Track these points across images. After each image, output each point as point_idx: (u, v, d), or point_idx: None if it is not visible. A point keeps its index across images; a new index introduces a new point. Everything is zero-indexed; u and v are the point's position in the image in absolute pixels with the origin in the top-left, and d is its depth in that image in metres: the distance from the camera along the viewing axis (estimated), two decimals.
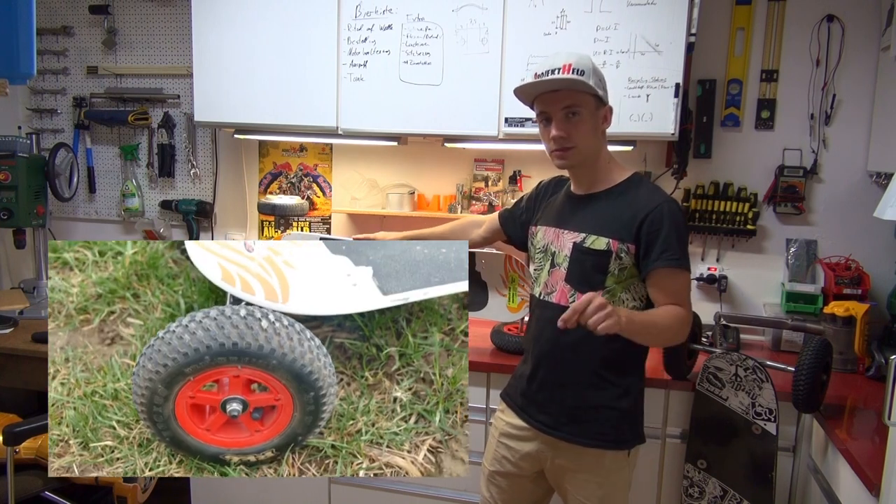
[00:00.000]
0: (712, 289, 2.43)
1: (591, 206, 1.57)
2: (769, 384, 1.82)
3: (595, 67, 1.50)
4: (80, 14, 2.86)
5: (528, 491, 1.72)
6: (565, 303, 1.55)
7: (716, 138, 2.38)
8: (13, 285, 2.94)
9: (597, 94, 1.49)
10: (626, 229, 1.50)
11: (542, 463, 1.64)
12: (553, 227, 1.62)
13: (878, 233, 2.26)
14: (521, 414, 1.66)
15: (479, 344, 2.21)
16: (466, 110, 2.21)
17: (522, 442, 1.66)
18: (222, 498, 2.36)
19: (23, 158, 2.55)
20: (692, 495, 1.93)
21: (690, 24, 2.03)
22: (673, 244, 1.47)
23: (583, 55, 1.50)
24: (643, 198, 1.52)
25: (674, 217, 1.48)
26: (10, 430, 1.78)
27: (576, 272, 1.55)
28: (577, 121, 1.50)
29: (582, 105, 1.49)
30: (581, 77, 1.46)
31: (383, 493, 2.22)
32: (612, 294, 1.53)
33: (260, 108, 2.38)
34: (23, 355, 2.22)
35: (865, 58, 2.24)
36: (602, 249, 1.51)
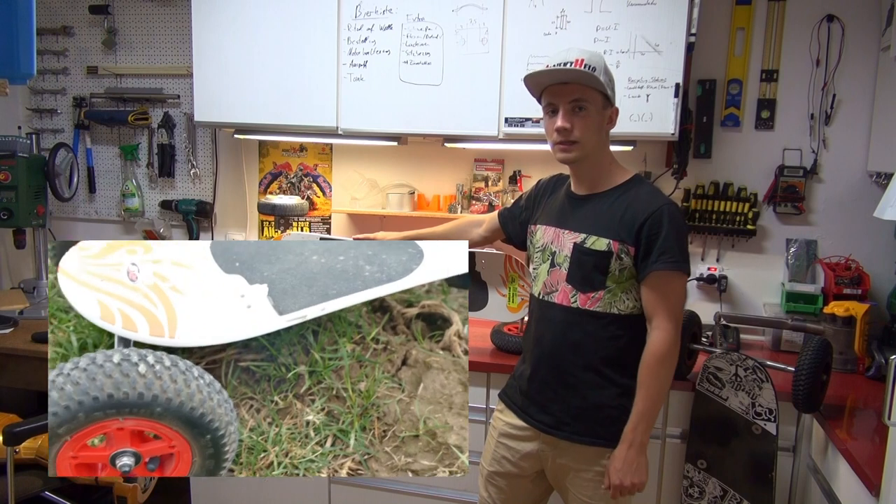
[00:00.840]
0: (712, 289, 2.43)
1: (592, 207, 1.57)
2: (769, 384, 1.81)
3: (606, 67, 1.51)
4: (80, 14, 2.86)
5: (527, 491, 1.71)
6: (567, 303, 1.56)
7: (716, 138, 2.38)
8: (13, 285, 2.94)
9: (605, 92, 1.50)
10: (626, 230, 1.50)
11: (543, 463, 1.64)
12: (553, 226, 1.62)
13: (878, 233, 2.26)
14: (521, 414, 1.66)
15: (479, 344, 2.21)
16: (466, 110, 2.21)
17: (523, 442, 1.65)
18: (222, 498, 2.36)
19: (23, 158, 2.55)
20: (692, 495, 1.93)
21: (690, 24, 2.03)
22: (672, 247, 1.47)
23: (596, 53, 1.51)
24: (644, 200, 1.52)
25: (674, 220, 1.49)
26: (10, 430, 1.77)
27: (576, 272, 1.55)
28: (583, 115, 1.50)
29: (590, 101, 1.50)
30: (592, 73, 1.47)
31: (383, 493, 2.22)
32: (612, 294, 1.53)
33: (260, 108, 2.38)
34: (23, 355, 2.22)
35: (865, 58, 2.24)
36: (603, 250, 1.51)
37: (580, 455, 1.57)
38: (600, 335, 1.54)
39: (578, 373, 1.56)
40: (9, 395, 2.59)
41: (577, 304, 1.55)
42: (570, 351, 1.56)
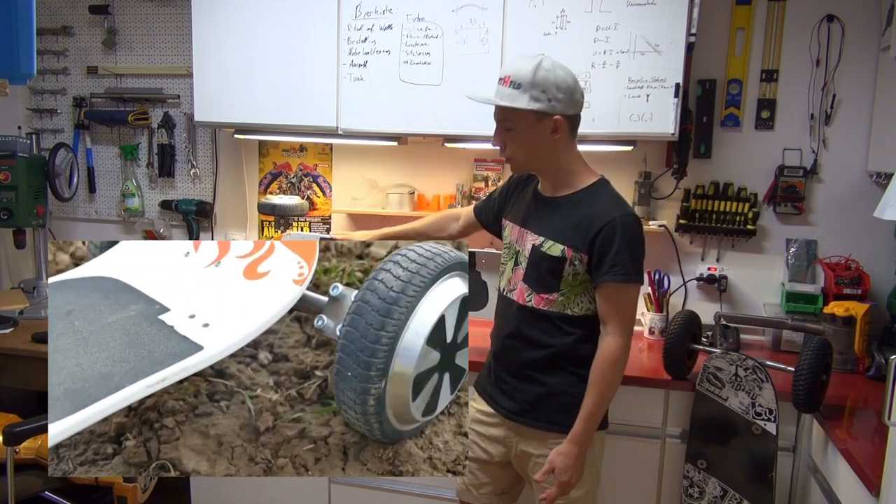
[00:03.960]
0: (712, 289, 2.43)
1: (552, 211, 1.60)
2: (769, 384, 1.81)
3: (539, 78, 1.46)
4: (80, 14, 2.86)
5: (497, 477, 1.75)
6: (523, 301, 1.61)
7: (716, 138, 2.38)
8: (13, 285, 2.94)
9: (532, 109, 1.48)
10: (580, 238, 1.52)
11: (509, 450, 1.68)
12: (519, 225, 1.66)
13: (878, 233, 2.26)
14: (489, 401, 1.72)
15: (479, 344, 2.21)
16: (466, 110, 2.19)
17: (490, 428, 1.71)
18: (222, 498, 2.36)
19: (23, 158, 2.55)
20: (692, 495, 1.93)
21: (690, 24, 2.03)
22: (623, 259, 1.48)
23: (527, 63, 1.47)
24: (601, 209, 1.53)
25: (627, 232, 1.49)
26: (10, 430, 1.77)
27: (532, 274, 1.59)
28: (512, 135, 1.55)
29: (515, 120, 1.52)
30: (516, 91, 1.47)
31: (383, 493, 2.22)
32: (566, 297, 1.56)
33: (260, 108, 2.38)
34: (23, 355, 2.22)
35: (865, 58, 2.24)
36: (557, 256, 1.54)
37: (540, 441, 1.60)
38: (554, 332, 1.58)
39: (536, 364, 1.60)
40: (9, 395, 2.59)
41: (531, 303, 1.59)
42: (527, 345, 1.61)
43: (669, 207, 2.44)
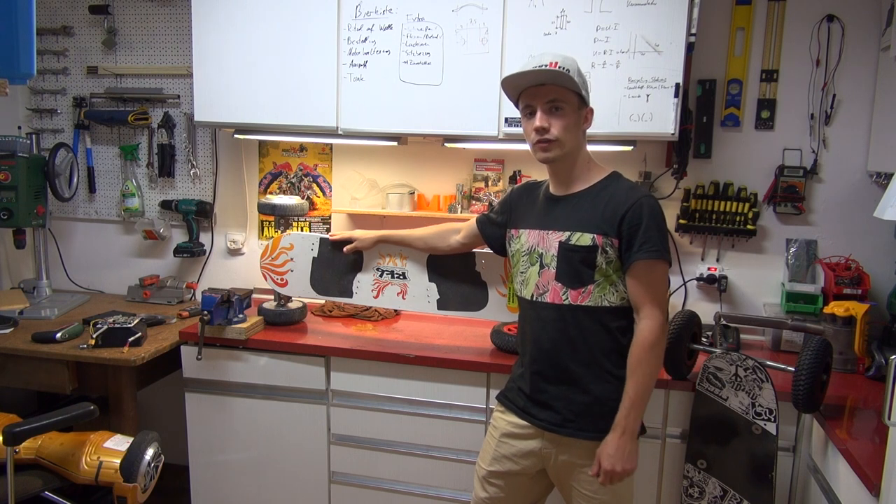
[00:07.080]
0: (712, 289, 2.43)
1: (573, 205, 1.61)
2: (769, 384, 1.81)
3: (579, 70, 1.57)
4: (80, 14, 2.86)
5: (527, 489, 1.73)
6: (559, 301, 1.59)
7: (716, 138, 2.38)
8: (13, 285, 2.94)
9: (580, 92, 1.55)
10: (608, 224, 1.55)
11: (545, 461, 1.66)
12: (537, 229, 1.66)
13: (878, 233, 2.26)
14: (522, 414, 1.68)
15: (479, 344, 2.21)
16: (466, 110, 2.21)
17: (525, 440, 1.67)
18: (222, 497, 2.36)
19: (23, 158, 2.55)
20: (692, 495, 1.93)
21: (690, 24, 2.03)
22: (653, 236, 1.52)
23: (568, 57, 1.57)
24: (623, 194, 1.57)
25: (653, 211, 1.54)
26: (10, 430, 1.77)
27: (565, 270, 1.59)
28: (560, 115, 1.56)
29: (565, 101, 1.55)
30: (567, 73, 1.52)
31: (383, 493, 2.22)
32: (601, 288, 1.56)
33: (260, 108, 2.38)
34: (23, 355, 2.22)
35: (865, 58, 2.24)
36: (588, 245, 1.55)
37: (584, 451, 1.59)
38: (594, 328, 1.58)
39: (578, 368, 1.59)
40: (9, 395, 2.59)
41: (568, 300, 1.58)
42: (568, 347, 1.59)
43: (669, 207, 2.44)
